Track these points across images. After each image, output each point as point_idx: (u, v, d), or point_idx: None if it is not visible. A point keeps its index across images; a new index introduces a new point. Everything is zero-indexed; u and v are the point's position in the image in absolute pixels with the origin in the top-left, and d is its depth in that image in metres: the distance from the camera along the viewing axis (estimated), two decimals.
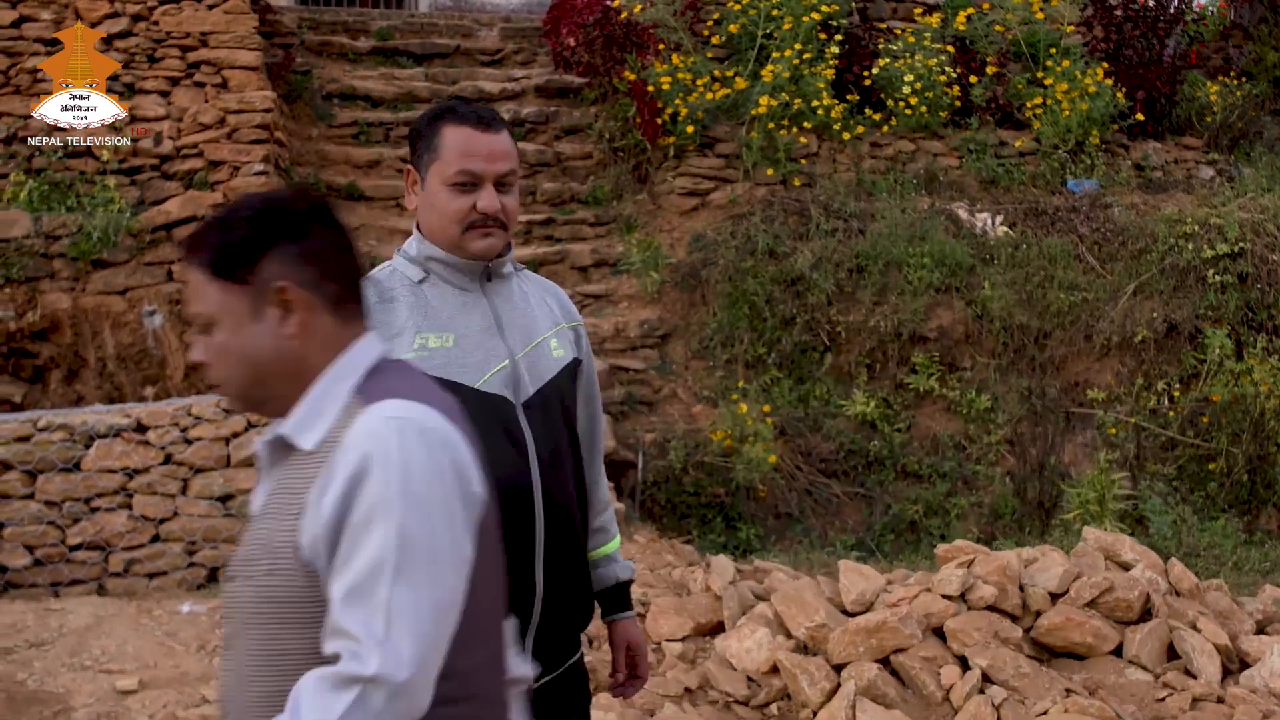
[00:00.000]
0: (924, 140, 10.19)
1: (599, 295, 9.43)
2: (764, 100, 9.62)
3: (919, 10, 10.67)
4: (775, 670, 4.97)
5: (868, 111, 10.08)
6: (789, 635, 5.16)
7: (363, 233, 9.40)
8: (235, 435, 7.53)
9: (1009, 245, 9.31)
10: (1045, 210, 9.61)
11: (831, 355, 9.10)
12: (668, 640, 5.46)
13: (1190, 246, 8.98)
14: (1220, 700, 4.62)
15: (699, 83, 9.66)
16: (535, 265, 9.47)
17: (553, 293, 2.90)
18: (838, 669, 4.88)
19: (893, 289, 9.11)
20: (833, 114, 9.80)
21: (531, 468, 2.60)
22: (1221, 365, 8.55)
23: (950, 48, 10.16)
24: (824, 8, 9.83)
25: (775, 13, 9.87)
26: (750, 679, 5.05)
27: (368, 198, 9.58)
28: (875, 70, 10.00)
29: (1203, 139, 10.53)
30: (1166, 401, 8.71)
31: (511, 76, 10.69)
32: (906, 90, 9.85)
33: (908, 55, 10.02)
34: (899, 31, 10.39)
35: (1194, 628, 5.03)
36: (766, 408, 8.47)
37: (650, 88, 9.61)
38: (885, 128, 10.11)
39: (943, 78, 9.95)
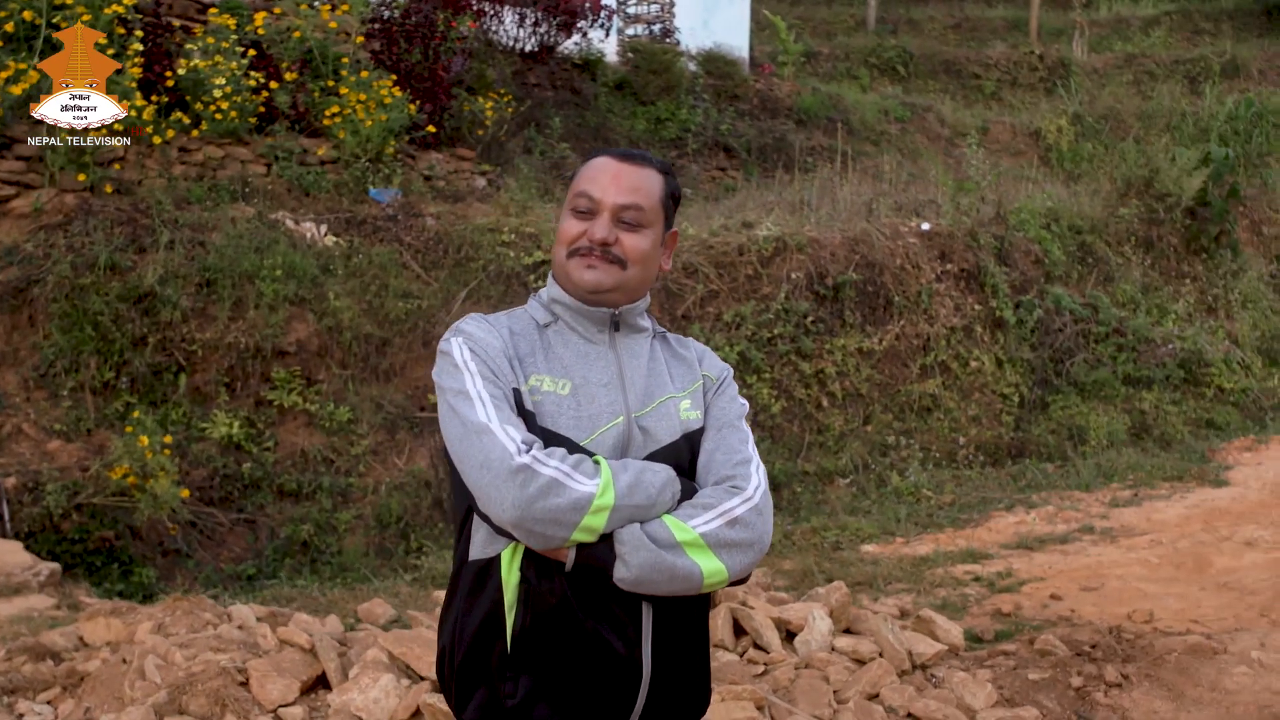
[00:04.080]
0: (232, 146, 10.66)
1: None
2: None
3: (214, 11, 11.16)
4: (415, 716, 5.13)
5: (177, 114, 10.42)
6: (420, 678, 5.37)
7: None
8: None
9: (342, 255, 10.32)
10: (365, 219, 10.67)
11: (187, 375, 9.42)
12: (283, 707, 5.36)
13: (512, 254, 10.71)
14: (809, 665, 6.22)
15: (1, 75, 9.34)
16: None
17: (695, 349, 2.90)
18: None
19: (248, 303, 9.65)
20: (145, 115, 10.02)
21: None
22: None
23: (252, 51, 10.86)
24: (127, 0, 10.00)
25: (65, 1, 9.83)
26: None
27: None
28: (182, 71, 10.38)
29: (475, 151, 12.37)
30: None
31: None
32: (217, 94, 10.36)
33: (211, 57, 10.53)
34: (197, 31, 10.84)
35: (745, 605, 6.53)
36: (168, 438, 8.64)
37: None
38: (195, 132, 10.49)
39: (251, 82, 10.62)
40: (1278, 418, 12.92)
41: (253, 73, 10.67)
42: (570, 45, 15.28)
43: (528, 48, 14.69)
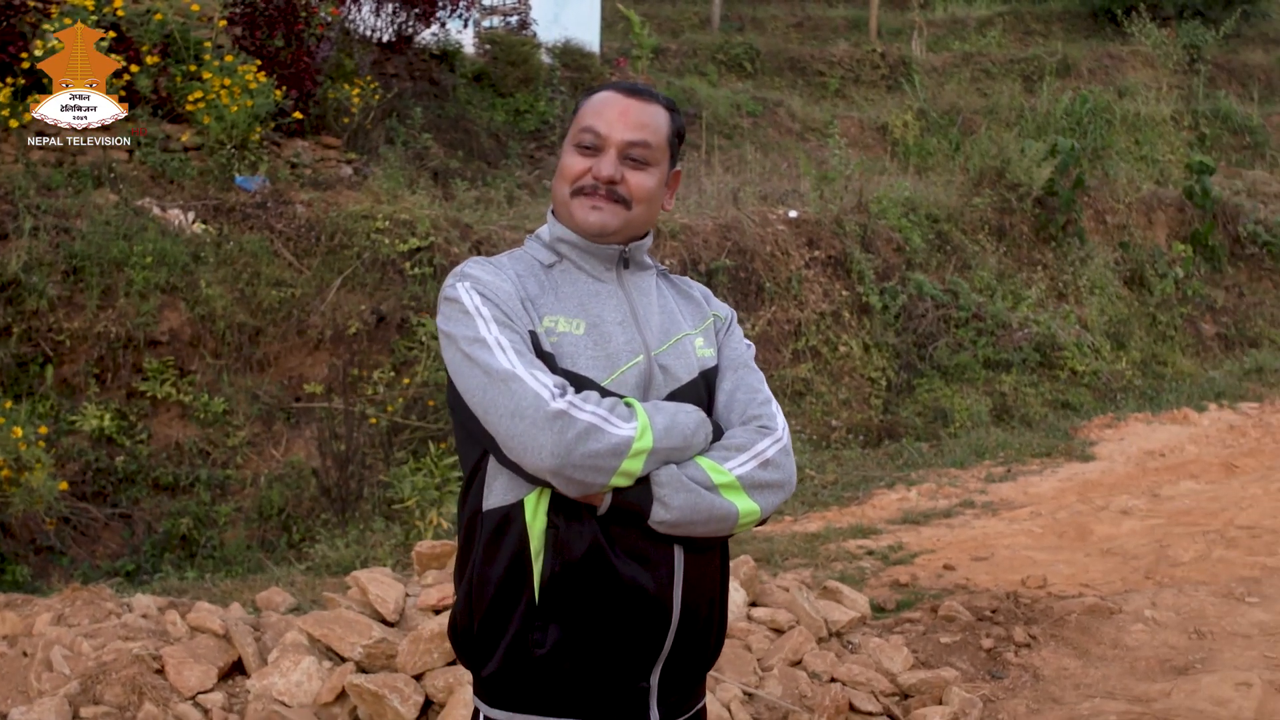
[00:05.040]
0: (93, 131, 10.44)
1: None
2: None
3: None
4: (340, 698, 5.11)
5: (34, 97, 10.08)
6: (342, 659, 5.32)
7: None
8: None
9: (212, 243, 10.11)
10: (234, 207, 10.43)
11: (55, 366, 9.13)
12: (201, 693, 5.27)
13: (387, 241, 10.61)
14: (729, 635, 6.26)
15: None
16: None
17: (698, 289, 2.90)
18: (416, 679, 5.09)
19: (117, 291, 9.40)
20: None
21: None
22: (433, 352, 10.35)
23: (111, 34, 10.56)
24: None
25: None
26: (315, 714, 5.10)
27: None
28: (38, 53, 10.04)
29: (341, 139, 12.23)
30: (383, 390, 10.28)
31: None
32: None
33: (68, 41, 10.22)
34: (53, 12, 10.48)
35: None
36: (44, 429, 8.36)
37: None
38: None
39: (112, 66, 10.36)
40: (1127, 399, 13.50)
41: (112, 55, 10.38)
42: (428, 36, 15.19)
43: (385, 38, 14.56)
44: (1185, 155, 18.94)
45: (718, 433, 2.63)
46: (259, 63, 11.19)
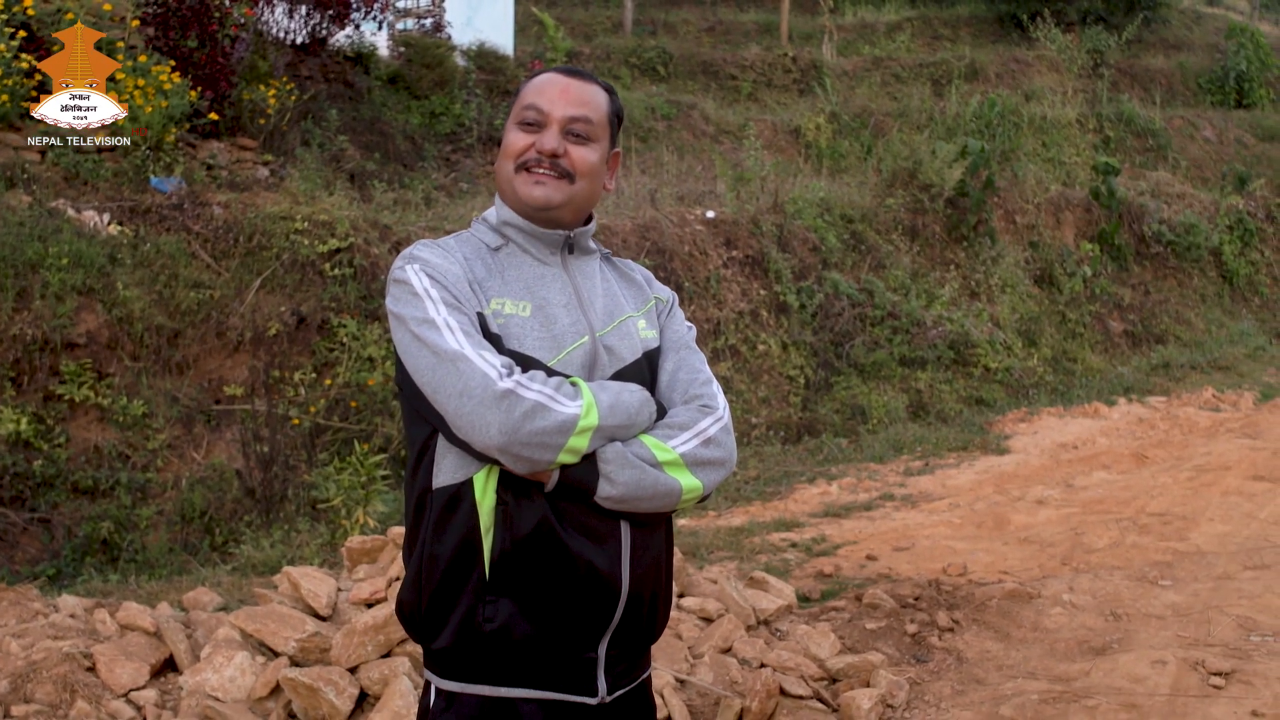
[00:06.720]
0: (3, 132, 10.27)
1: None
2: None
3: None
4: (274, 692, 5.13)
5: None
6: (275, 653, 5.35)
7: None
8: None
9: (129, 244, 10.05)
10: (150, 208, 10.37)
11: None
12: (134, 690, 5.27)
13: (306, 242, 10.60)
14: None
15: None
16: None
17: (640, 272, 2.99)
18: (350, 672, 5.16)
19: (33, 293, 9.32)
20: None
21: None
22: (354, 353, 10.38)
23: (22, 33, 10.47)
24: None
25: None
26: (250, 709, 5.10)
27: None
28: None
29: (257, 141, 12.19)
30: (304, 391, 10.28)
31: None
32: None
33: None
34: None
35: None
36: None
37: None
38: None
39: (22, 64, 10.25)
40: (1039, 394, 13.82)
41: (24, 55, 10.30)
42: (342, 38, 15.17)
43: (299, 39, 14.52)
44: (1091, 157, 19.44)
45: (661, 412, 2.71)
46: (173, 63, 11.15)
